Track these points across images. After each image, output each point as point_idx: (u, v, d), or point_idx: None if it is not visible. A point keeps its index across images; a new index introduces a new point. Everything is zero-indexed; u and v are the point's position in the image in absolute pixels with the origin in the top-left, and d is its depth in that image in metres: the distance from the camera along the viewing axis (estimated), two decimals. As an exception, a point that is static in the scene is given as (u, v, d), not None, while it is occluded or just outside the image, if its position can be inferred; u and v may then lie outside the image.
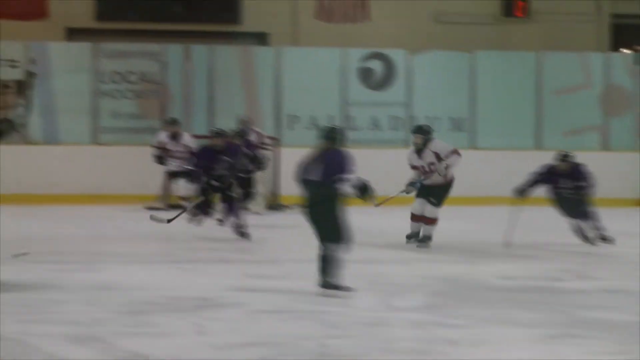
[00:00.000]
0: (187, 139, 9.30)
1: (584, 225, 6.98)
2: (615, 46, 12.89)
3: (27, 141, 10.39)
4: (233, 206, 7.07)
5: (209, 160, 7.04)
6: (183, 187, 8.77)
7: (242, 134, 8.83)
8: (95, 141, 10.82)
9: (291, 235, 7.51)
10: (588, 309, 4.56)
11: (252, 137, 9.21)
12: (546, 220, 8.13)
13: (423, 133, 6.89)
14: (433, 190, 6.76)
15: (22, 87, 10.16)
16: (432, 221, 6.77)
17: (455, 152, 6.81)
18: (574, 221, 7.01)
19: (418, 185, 6.77)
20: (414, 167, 6.90)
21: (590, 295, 5.09)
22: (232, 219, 7.04)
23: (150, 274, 5.69)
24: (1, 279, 5.05)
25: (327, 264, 4.61)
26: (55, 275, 5.44)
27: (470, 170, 9.03)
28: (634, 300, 4.72)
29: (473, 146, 10.98)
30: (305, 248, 6.24)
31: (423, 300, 4.71)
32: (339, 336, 3.93)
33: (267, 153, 9.32)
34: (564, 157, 6.93)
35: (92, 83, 10.79)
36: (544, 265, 6.20)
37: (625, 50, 12.79)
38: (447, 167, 6.79)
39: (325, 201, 4.55)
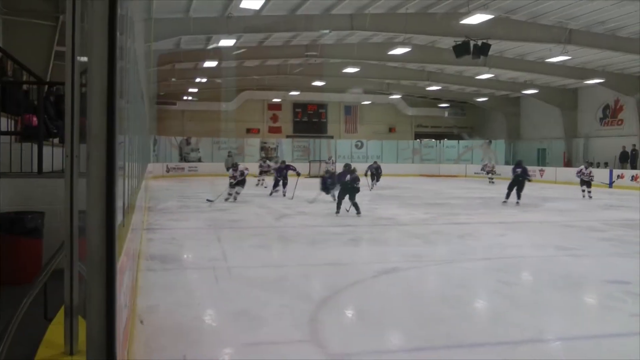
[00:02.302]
0: (241, 167, 18.53)
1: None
2: None
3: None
4: (285, 185, 20.75)
5: (279, 170, 21.29)
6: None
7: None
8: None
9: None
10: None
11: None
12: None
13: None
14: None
15: (272, 150, 44.67)
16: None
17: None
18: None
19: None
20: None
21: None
22: (284, 190, 20.52)
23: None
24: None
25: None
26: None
27: None
28: None
29: None
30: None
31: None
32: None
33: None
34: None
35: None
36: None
37: None
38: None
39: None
